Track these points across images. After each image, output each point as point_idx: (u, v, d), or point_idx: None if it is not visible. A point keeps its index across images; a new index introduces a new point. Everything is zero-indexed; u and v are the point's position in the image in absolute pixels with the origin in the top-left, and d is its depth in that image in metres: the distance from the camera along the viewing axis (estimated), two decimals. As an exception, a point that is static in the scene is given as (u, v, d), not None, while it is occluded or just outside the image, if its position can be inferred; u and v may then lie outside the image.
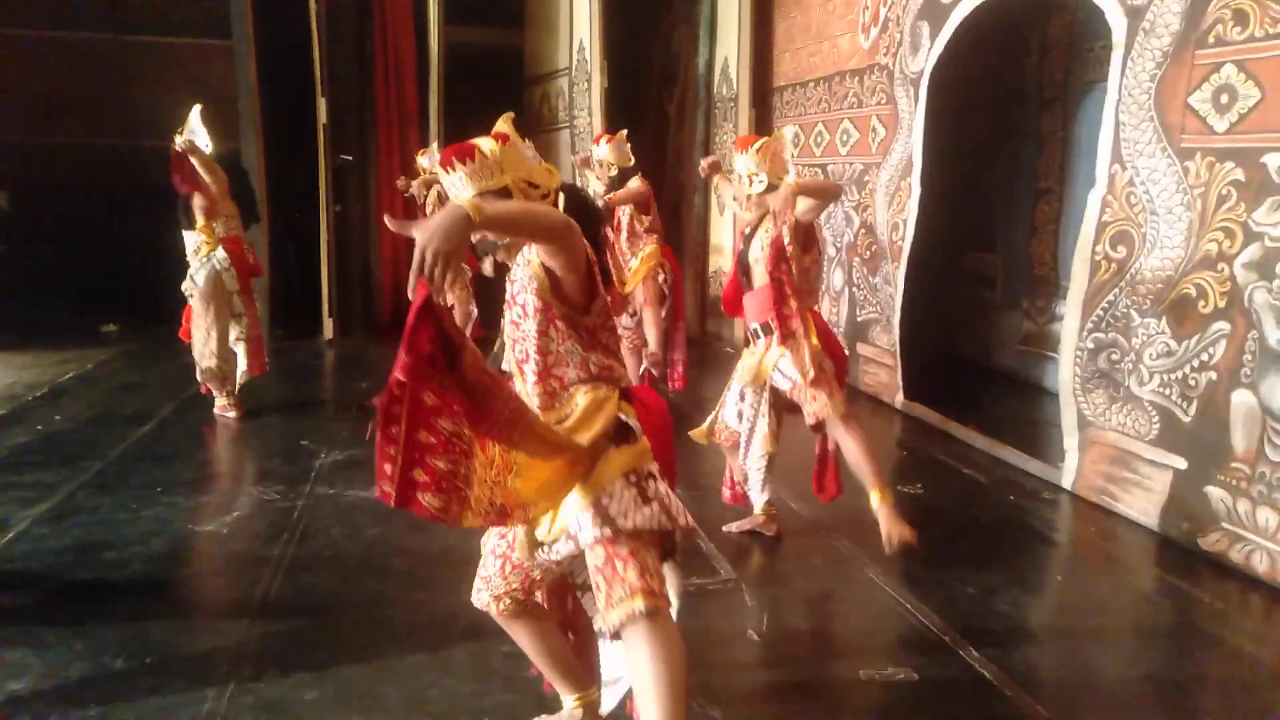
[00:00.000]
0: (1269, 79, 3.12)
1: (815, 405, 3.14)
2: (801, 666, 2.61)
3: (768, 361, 3.27)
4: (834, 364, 3.25)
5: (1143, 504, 3.64)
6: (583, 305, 1.79)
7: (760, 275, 3.27)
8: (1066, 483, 4.02)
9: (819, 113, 6.30)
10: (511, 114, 1.94)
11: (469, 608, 2.06)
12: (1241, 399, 3.22)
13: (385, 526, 3.53)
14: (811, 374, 3.10)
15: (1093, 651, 2.73)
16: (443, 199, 5.83)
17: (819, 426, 3.22)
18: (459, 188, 1.78)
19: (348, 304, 7.62)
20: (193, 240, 4.88)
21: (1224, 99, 3.26)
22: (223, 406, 5.00)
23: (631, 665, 1.73)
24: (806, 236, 3.25)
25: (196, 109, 4.79)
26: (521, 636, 2.04)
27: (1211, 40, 3.30)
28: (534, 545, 1.87)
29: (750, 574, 3.17)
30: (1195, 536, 3.38)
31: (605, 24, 7.01)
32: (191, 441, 4.57)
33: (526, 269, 1.80)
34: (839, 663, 2.67)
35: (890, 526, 2.99)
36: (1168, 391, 3.53)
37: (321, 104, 7.08)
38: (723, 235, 7.32)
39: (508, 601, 1.98)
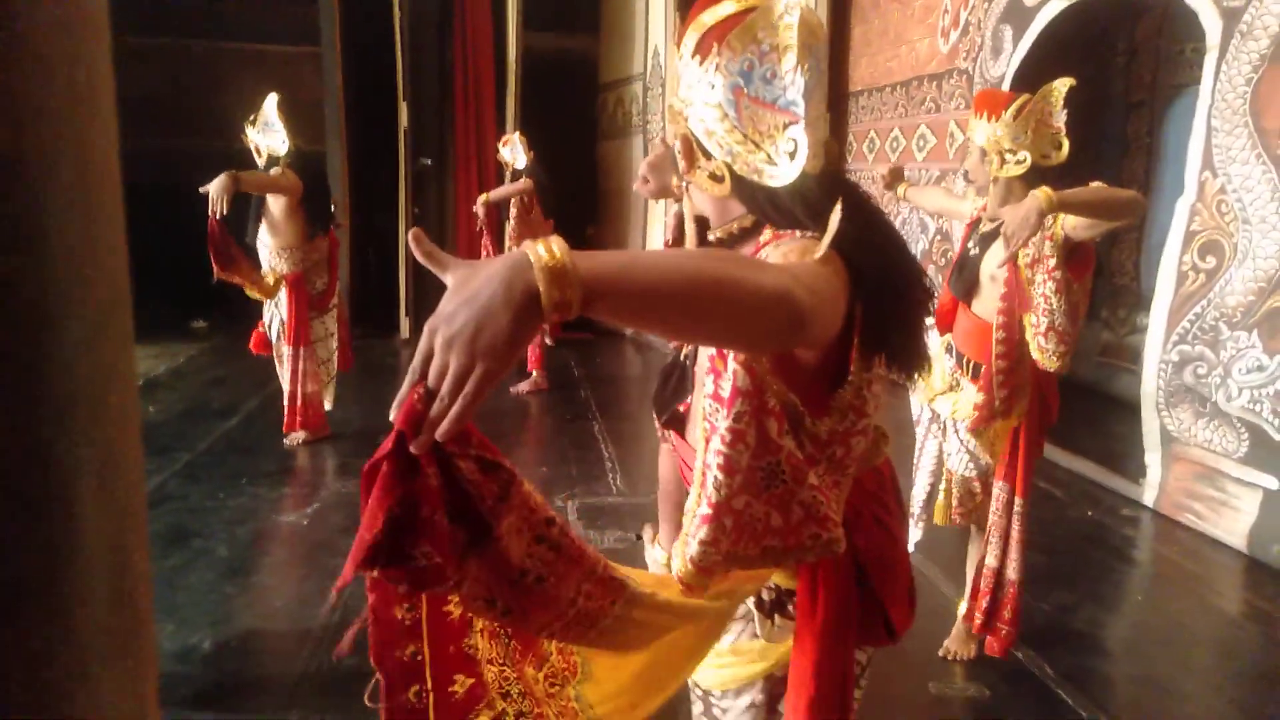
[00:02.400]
0: (1375, 84, 2.98)
1: (960, 508, 2.58)
2: (872, 680, 2.58)
3: (960, 405, 2.52)
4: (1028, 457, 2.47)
5: (1230, 524, 3.50)
6: (819, 398, 1.05)
7: (988, 298, 2.42)
8: (1148, 499, 3.90)
9: (895, 118, 6.22)
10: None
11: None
12: (1339, 417, 3.08)
13: (457, 522, 3.61)
14: (982, 474, 2.50)
15: (1172, 674, 2.65)
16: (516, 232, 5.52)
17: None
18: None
19: (423, 304, 7.80)
20: (266, 262, 4.42)
21: (1325, 105, 3.14)
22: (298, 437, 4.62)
23: None
24: (1081, 257, 2.31)
25: (272, 98, 4.31)
26: None
27: (1313, 43, 3.17)
28: None
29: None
30: (1286, 559, 3.25)
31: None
32: (275, 435, 4.74)
33: None
34: (911, 678, 2.64)
35: (957, 645, 2.65)
36: (1258, 408, 3.40)
37: (403, 109, 7.28)
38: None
39: None
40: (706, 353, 1.05)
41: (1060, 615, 2.92)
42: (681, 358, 1.26)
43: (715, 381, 1.02)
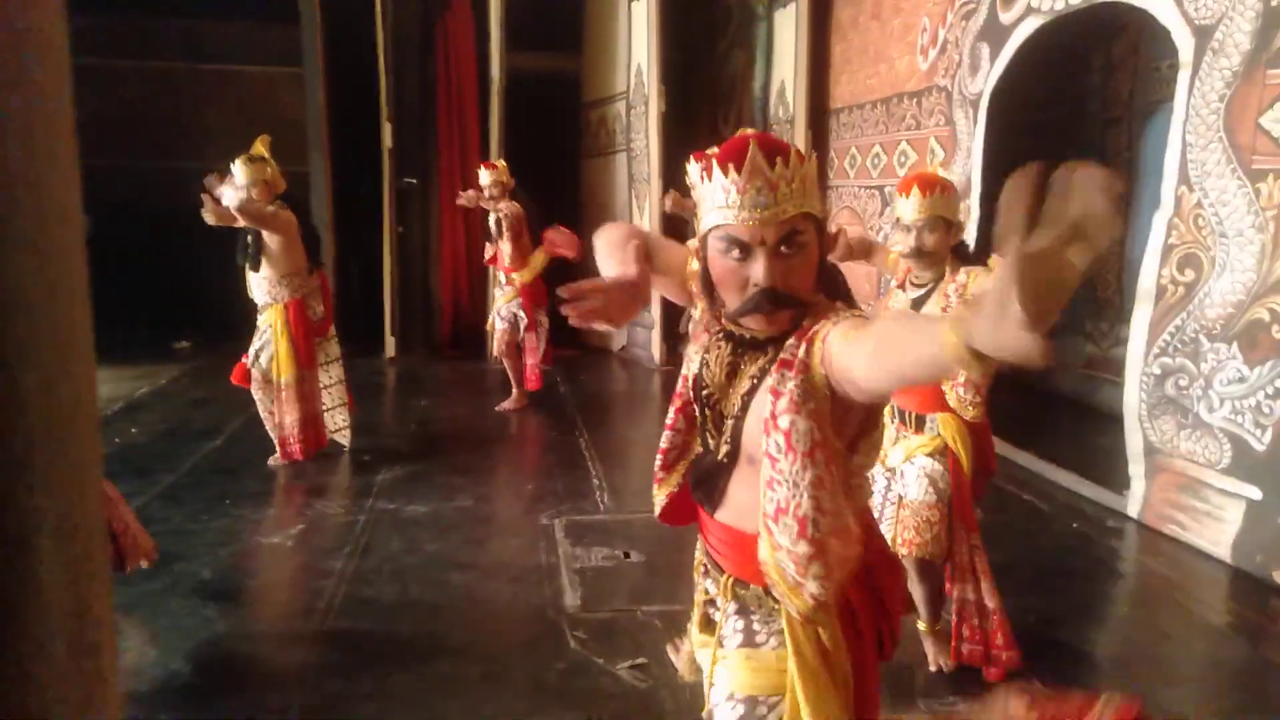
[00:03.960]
0: (1345, 99, 3.04)
1: (916, 536, 2.54)
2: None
3: (900, 451, 2.64)
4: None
5: (1214, 534, 3.53)
6: (854, 440, 1.32)
7: None
8: (1132, 511, 3.92)
9: (876, 134, 6.28)
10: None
11: (525, 624, 2.10)
12: (1318, 427, 3.11)
13: (444, 542, 3.59)
14: (941, 500, 2.56)
15: (1159, 686, 2.66)
16: (499, 222, 5.72)
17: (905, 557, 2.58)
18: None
19: (408, 323, 7.79)
20: (260, 293, 4.41)
21: (1297, 119, 3.19)
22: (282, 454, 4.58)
23: None
24: None
25: (237, 163, 4.26)
26: None
27: (1284, 60, 3.23)
28: (692, 669, 1.62)
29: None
30: (1270, 570, 3.27)
31: (662, 48, 7.09)
32: (258, 456, 4.70)
33: (794, 375, 1.24)
34: (898, 692, 2.63)
35: (936, 655, 2.66)
36: (1240, 419, 3.43)
37: (386, 129, 7.28)
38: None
39: None
40: (759, 430, 1.28)
41: (1045, 627, 2.93)
42: (720, 458, 1.40)
43: (785, 447, 1.23)
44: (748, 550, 1.35)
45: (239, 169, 4.26)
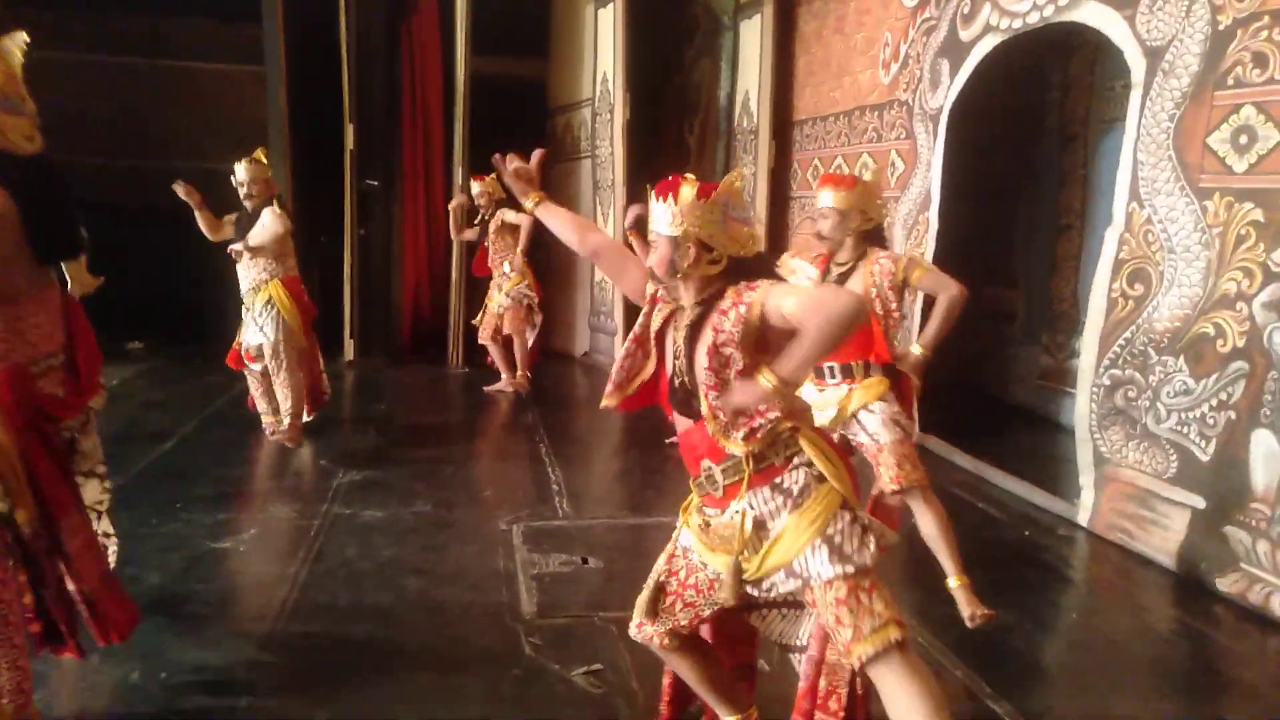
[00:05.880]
0: (1288, 120, 3.13)
1: (900, 471, 2.91)
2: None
3: (850, 408, 3.00)
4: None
5: (1160, 543, 3.61)
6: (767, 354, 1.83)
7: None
8: (1083, 520, 4.00)
9: (838, 146, 6.35)
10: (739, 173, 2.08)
11: (482, 630, 2.09)
12: (1262, 439, 3.20)
13: (400, 547, 3.56)
14: (909, 435, 2.99)
15: (1108, 692, 2.71)
16: (504, 223, 6.23)
17: (899, 493, 2.95)
18: (662, 223, 1.88)
19: (368, 326, 7.70)
20: (249, 278, 4.74)
21: (1243, 140, 3.28)
22: (285, 435, 4.86)
23: (890, 696, 1.75)
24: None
25: (240, 164, 4.68)
26: (682, 666, 2.06)
27: (1231, 82, 3.32)
28: (740, 584, 1.88)
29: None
30: (1214, 577, 3.35)
31: (628, 56, 7.11)
32: (212, 459, 4.63)
33: (732, 316, 1.81)
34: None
35: (971, 607, 2.92)
36: (1186, 430, 3.51)
37: (349, 130, 7.22)
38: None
39: (671, 636, 1.99)
40: (704, 364, 1.84)
41: (999, 635, 2.97)
42: (676, 384, 1.95)
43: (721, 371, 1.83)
44: (707, 438, 1.88)
45: (241, 168, 4.65)
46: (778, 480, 1.85)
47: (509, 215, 6.10)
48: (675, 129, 8.56)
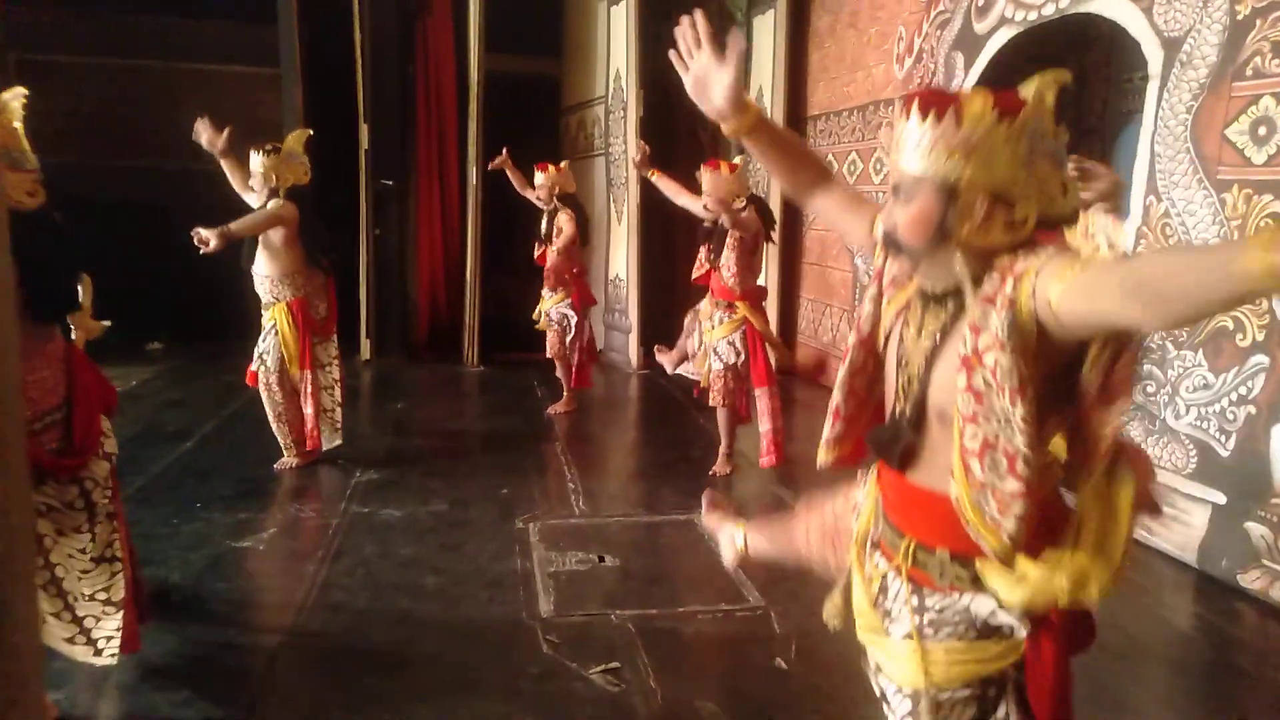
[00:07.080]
0: (1308, 112, 3.10)
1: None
2: (826, 697, 2.60)
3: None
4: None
5: (1180, 539, 3.58)
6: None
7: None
8: (1101, 516, 3.96)
9: (853, 141, 6.33)
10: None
11: (499, 628, 2.09)
12: (1281, 434, 3.17)
13: (418, 546, 3.58)
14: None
15: (1126, 689, 2.69)
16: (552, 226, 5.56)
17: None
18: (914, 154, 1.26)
19: (384, 325, 7.75)
20: (262, 293, 4.42)
21: (1262, 131, 3.24)
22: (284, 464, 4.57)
23: None
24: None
25: (302, 134, 4.68)
26: None
27: (1250, 73, 3.29)
28: (838, 617, 1.66)
29: (778, 601, 3.16)
30: (1234, 573, 3.32)
31: (641, 53, 7.11)
32: (231, 458, 4.67)
33: (995, 307, 1.19)
34: (865, 694, 2.65)
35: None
36: (1205, 425, 3.49)
37: (364, 131, 7.25)
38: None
39: None
40: (976, 377, 1.21)
41: (1017, 631, 2.95)
42: (897, 414, 1.38)
43: (992, 384, 1.20)
44: (938, 510, 1.31)
45: (254, 156, 4.47)
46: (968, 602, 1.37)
47: (562, 218, 5.49)
48: (688, 125, 8.54)
